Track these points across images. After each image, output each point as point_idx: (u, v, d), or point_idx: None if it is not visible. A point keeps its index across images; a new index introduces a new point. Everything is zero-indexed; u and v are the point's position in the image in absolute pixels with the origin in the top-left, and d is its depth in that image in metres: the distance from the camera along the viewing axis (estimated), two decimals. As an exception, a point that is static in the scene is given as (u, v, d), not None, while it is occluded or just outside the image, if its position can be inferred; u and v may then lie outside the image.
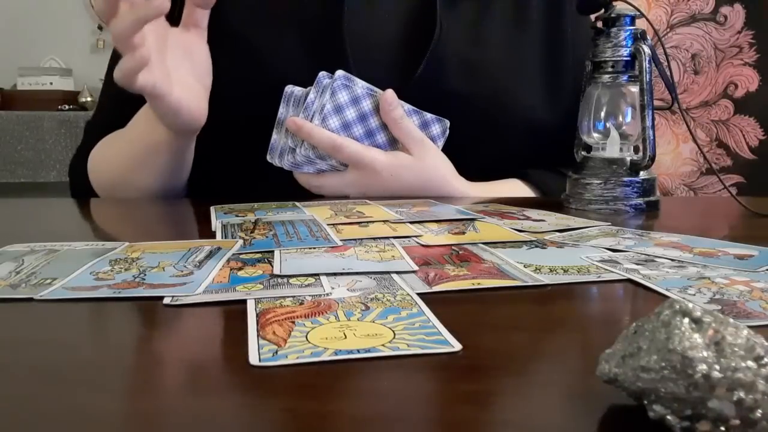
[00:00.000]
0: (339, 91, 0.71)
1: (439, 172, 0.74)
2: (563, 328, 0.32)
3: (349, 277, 0.38)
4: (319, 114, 0.70)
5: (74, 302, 0.35)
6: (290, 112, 0.73)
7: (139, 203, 0.74)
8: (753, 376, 0.19)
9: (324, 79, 0.71)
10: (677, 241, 0.48)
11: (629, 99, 0.69)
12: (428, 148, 0.73)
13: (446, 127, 0.75)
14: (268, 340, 0.28)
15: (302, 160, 0.71)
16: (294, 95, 0.73)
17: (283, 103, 0.73)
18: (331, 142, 0.69)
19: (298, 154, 0.71)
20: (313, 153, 0.70)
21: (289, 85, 0.73)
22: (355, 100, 0.71)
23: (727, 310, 0.32)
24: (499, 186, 0.80)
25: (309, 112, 0.71)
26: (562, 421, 0.22)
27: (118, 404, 0.23)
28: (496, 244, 0.47)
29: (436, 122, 0.75)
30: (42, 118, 2.53)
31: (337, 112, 0.71)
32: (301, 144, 0.70)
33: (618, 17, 0.67)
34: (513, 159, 0.82)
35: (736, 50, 1.08)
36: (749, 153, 1.09)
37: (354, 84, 0.72)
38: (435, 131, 0.75)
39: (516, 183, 0.82)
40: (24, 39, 3.21)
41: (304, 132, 0.69)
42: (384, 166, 0.71)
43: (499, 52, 0.80)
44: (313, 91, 0.71)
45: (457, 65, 0.77)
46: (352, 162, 0.71)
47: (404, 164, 0.72)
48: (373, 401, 0.23)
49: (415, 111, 0.74)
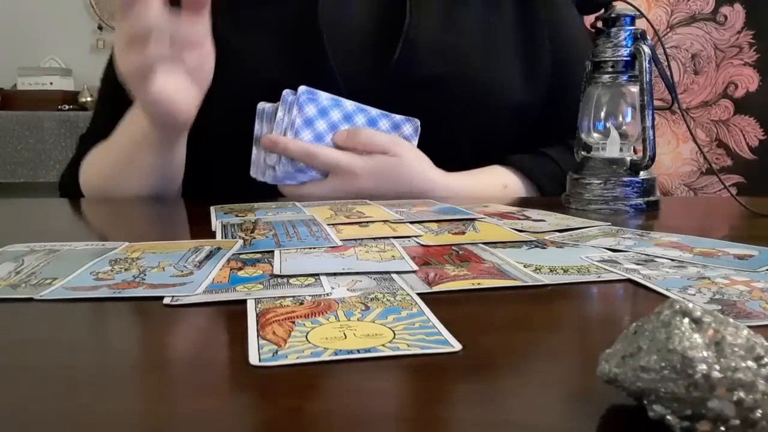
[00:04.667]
0: (305, 105, 0.72)
1: (417, 167, 0.74)
2: (563, 328, 0.32)
3: (349, 277, 0.38)
4: (290, 129, 0.71)
5: (74, 302, 0.35)
6: (265, 128, 0.74)
7: (139, 203, 0.74)
8: (753, 376, 0.19)
9: (288, 96, 0.72)
10: (677, 241, 0.48)
11: (629, 99, 0.69)
12: (402, 145, 0.74)
13: (417, 126, 0.75)
14: (268, 340, 0.28)
15: (283, 176, 0.72)
16: (266, 111, 0.74)
17: (257, 119, 0.74)
18: (305, 151, 0.70)
19: (278, 171, 0.71)
20: (291, 167, 0.71)
21: (261, 102, 0.74)
22: (322, 112, 0.72)
23: (727, 310, 0.32)
24: (480, 174, 0.81)
25: (280, 129, 0.72)
26: (562, 421, 0.22)
27: (119, 404, 0.23)
28: (496, 244, 0.47)
29: (406, 122, 0.75)
30: (42, 118, 2.53)
31: (307, 126, 0.72)
32: (279, 160, 0.71)
33: (618, 17, 0.67)
34: (495, 141, 0.83)
35: (736, 50, 1.08)
36: (749, 153, 1.09)
37: (318, 96, 0.73)
38: (407, 131, 0.75)
39: (497, 169, 0.82)
40: (24, 39, 3.21)
41: (279, 147, 0.71)
42: (361, 168, 0.71)
43: (473, 35, 0.81)
44: (280, 108, 0.72)
45: (431, 50, 0.78)
46: (329, 168, 0.72)
47: (382, 163, 0.72)
48: (373, 401, 0.23)
49: (384, 114, 0.75)
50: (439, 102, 0.77)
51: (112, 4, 0.66)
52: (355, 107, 0.74)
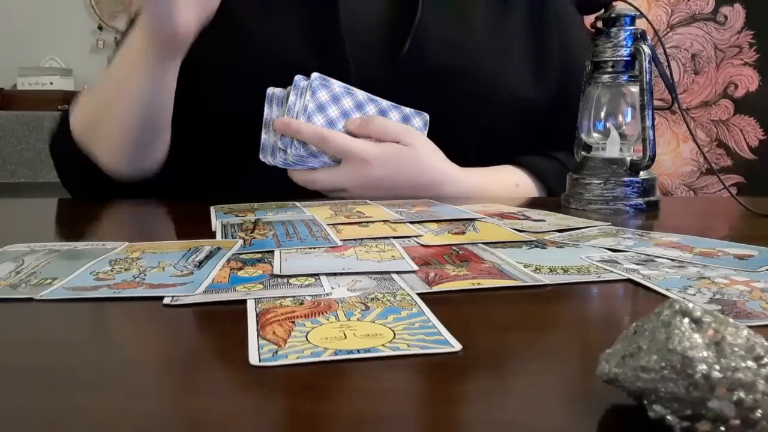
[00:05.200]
0: (318, 90, 0.72)
1: (431, 158, 0.74)
2: (563, 328, 0.32)
3: (349, 277, 0.38)
4: (303, 114, 0.71)
5: (74, 302, 0.35)
6: (275, 112, 0.73)
7: (139, 203, 0.74)
8: (753, 376, 0.19)
9: (301, 81, 0.72)
10: (677, 241, 0.48)
11: (629, 99, 0.69)
12: (415, 135, 0.74)
13: (426, 120, 0.75)
14: (268, 340, 0.28)
15: (294, 160, 0.72)
16: (276, 96, 0.73)
17: (267, 104, 0.74)
18: (318, 134, 0.70)
19: (289, 154, 0.71)
20: (304, 151, 0.71)
21: (270, 87, 0.74)
22: (335, 98, 0.72)
23: (727, 310, 0.32)
24: (492, 172, 0.80)
25: (292, 113, 0.71)
26: (562, 421, 0.22)
27: (119, 404, 0.23)
28: (496, 244, 0.47)
29: (416, 116, 0.75)
30: (42, 118, 2.52)
31: (320, 111, 0.71)
32: (291, 144, 0.71)
33: (618, 17, 0.67)
34: (504, 139, 0.83)
35: (736, 50, 1.08)
36: (749, 153, 1.09)
37: (331, 84, 0.73)
38: (416, 124, 0.75)
39: (508, 168, 0.82)
40: (24, 39, 3.21)
41: (292, 129, 0.70)
42: (374, 156, 0.71)
43: (483, 33, 0.81)
44: (292, 92, 0.72)
45: (441, 45, 0.78)
46: (341, 154, 0.71)
47: (395, 151, 0.72)
48: (373, 401, 0.23)
49: (394, 106, 0.75)
50: (447, 96, 0.77)
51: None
52: (367, 97, 0.74)
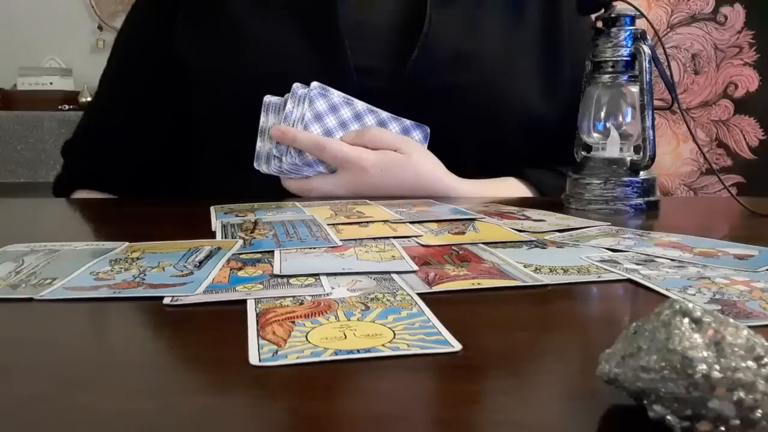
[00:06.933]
0: (316, 99, 0.71)
1: (428, 167, 0.73)
2: (563, 328, 0.32)
3: (349, 277, 0.38)
4: (300, 122, 0.71)
5: (74, 302, 0.35)
6: (270, 120, 0.73)
7: (139, 203, 0.74)
8: (753, 376, 0.19)
9: (299, 89, 0.72)
10: (677, 241, 0.48)
11: (629, 99, 0.69)
12: (413, 144, 0.73)
13: (427, 133, 0.75)
14: (268, 340, 0.28)
15: (289, 168, 0.71)
16: (272, 104, 0.73)
17: (263, 112, 0.73)
18: (314, 142, 0.70)
19: (284, 162, 0.71)
20: (299, 160, 0.71)
21: (267, 95, 0.73)
22: (333, 108, 0.72)
23: (727, 310, 0.32)
24: (494, 183, 0.80)
25: (289, 121, 0.71)
26: (562, 421, 0.22)
27: (119, 404, 0.23)
28: (496, 244, 0.47)
29: (416, 128, 0.74)
30: (42, 118, 2.52)
31: (317, 120, 0.71)
32: (287, 152, 0.71)
33: (618, 17, 0.67)
34: (509, 153, 0.81)
35: (736, 50, 1.08)
36: (749, 153, 1.09)
37: (329, 93, 0.72)
38: (416, 137, 0.74)
39: (511, 181, 0.81)
40: (24, 39, 3.21)
41: (288, 137, 0.70)
42: (371, 164, 0.70)
43: (494, 46, 0.79)
44: (290, 101, 0.72)
45: (449, 58, 0.77)
46: (338, 162, 0.71)
47: (392, 160, 0.71)
48: (373, 401, 0.23)
49: (394, 118, 0.74)
50: (451, 111, 0.76)
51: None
52: (366, 108, 0.73)
